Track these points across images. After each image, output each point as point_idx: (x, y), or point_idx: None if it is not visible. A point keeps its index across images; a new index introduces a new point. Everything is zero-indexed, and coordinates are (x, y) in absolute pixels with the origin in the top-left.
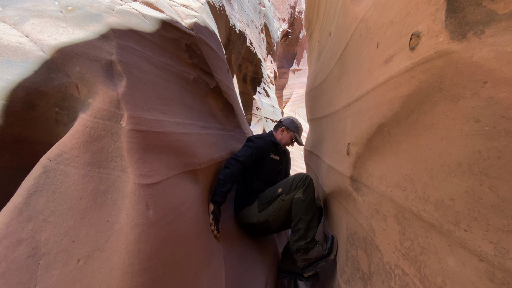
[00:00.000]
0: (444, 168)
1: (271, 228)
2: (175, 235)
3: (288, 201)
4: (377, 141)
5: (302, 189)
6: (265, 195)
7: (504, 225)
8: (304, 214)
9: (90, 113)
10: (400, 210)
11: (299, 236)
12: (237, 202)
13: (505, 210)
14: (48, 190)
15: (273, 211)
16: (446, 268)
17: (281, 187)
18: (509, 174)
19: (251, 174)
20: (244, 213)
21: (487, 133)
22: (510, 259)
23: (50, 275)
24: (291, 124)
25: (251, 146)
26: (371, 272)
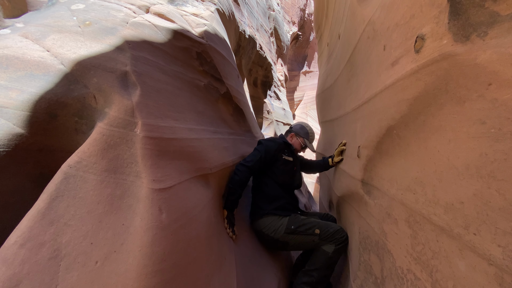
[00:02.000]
0: (453, 170)
1: (285, 249)
2: (187, 238)
3: (316, 245)
4: (387, 144)
5: (335, 246)
6: (299, 222)
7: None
8: (324, 268)
9: (107, 121)
10: (411, 214)
11: (308, 282)
12: (254, 209)
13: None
14: (68, 196)
15: (298, 242)
16: (457, 272)
17: (320, 230)
18: None
19: (265, 177)
20: (265, 223)
21: (493, 135)
22: None
23: (70, 275)
24: (300, 130)
25: (260, 149)
26: (383, 277)
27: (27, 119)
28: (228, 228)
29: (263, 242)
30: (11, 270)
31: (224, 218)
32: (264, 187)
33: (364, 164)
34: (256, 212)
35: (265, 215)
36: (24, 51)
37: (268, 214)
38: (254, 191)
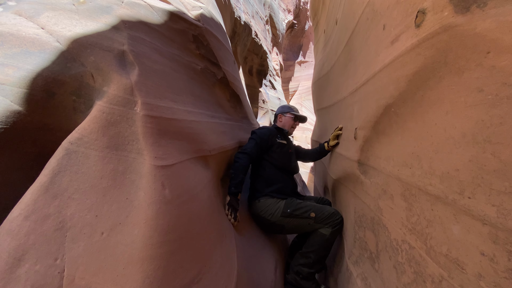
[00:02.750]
0: (449, 141)
1: (282, 232)
2: (189, 213)
3: (313, 228)
4: (384, 123)
5: (331, 228)
6: (295, 205)
7: (506, 187)
8: (321, 249)
9: (106, 100)
10: (407, 188)
11: (305, 263)
12: (252, 192)
13: (507, 173)
14: (71, 170)
15: (294, 225)
16: (451, 236)
17: (315, 213)
18: (511, 138)
19: (263, 162)
20: (262, 206)
21: (490, 101)
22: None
23: (77, 246)
24: (282, 108)
25: (254, 137)
26: (378, 251)
27: (24, 96)
28: (229, 215)
29: (260, 225)
30: (16, 241)
31: (226, 203)
32: (262, 171)
33: (361, 145)
34: (254, 195)
35: (262, 197)
36: (19, 28)
37: (265, 195)
38: (253, 176)
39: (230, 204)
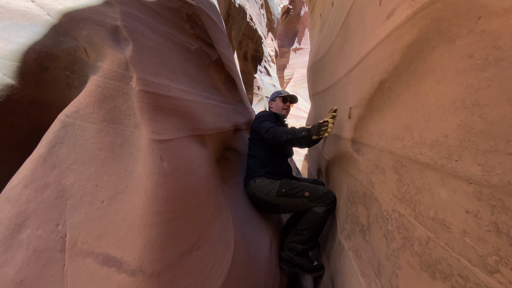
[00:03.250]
0: (440, 109)
1: (277, 211)
2: (187, 186)
3: (307, 207)
4: (378, 100)
5: (325, 207)
6: (289, 185)
7: (491, 146)
8: (314, 227)
9: (101, 74)
10: (398, 160)
11: (299, 240)
12: (248, 173)
13: (493, 133)
14: (68, 142)
15: (289, 204)
16: (438, 200)
17: (309, 192)
18: (497, 100)
19: (261, 144)
20: (258, 186)
21: (479, 65)
22: (496, 174)
23: (77, 213)
24: (271, 96)
25: (265, 118)
26: (369, 223)
27: (17, 70)
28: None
29: (256, 205)
30: (16, 208)
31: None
32: (258, 153)
33: (355, 124)
34: (250, 176)
35: (258, 178)
36: (8, 0)
37: (261, 176)
38: (249, 158)
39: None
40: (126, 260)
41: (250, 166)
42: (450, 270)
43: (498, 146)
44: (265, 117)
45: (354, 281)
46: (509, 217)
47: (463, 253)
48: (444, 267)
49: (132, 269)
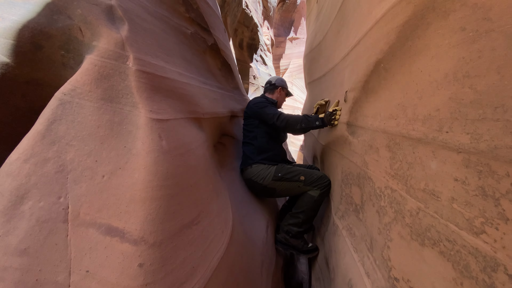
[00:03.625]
0: (433, 84)
1: (273, 195)
2: (186, 165)
3: (302, 190)
4: (373, 81)
5: (320, 190)
6: (285, 170)
7: (480, 114)
8: (309, 210)
9: (97, 53)
10: (392, 138)
11: (294, 222)
12: (244, 159)
13: (481, 102)
14: (67, 120)
15: (285, 188)
16: (429, 172)
17: (305, 176)
18: (487, 70)
19: (257, 129)
20: (254, 171)
21: (471, 38)
22: (483, 141)
23: (79, 186)
24: (281, 82)
25: (268, 102)
26: (363, 202)
27: (11, 47)
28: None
29: (252, 190)
30: (17, 181)
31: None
32: (254, 140)
33: (350, 107)
34: (246, 162)
35: (254, 164)
36: None
37: (257, 162)
38: (245, 145)
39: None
40: (129, 231)
41: (246, 153)
42: (439, 236)
43: (486, 114)
44: (266, 103)
45: (347, 258)
46: (495, 180)
47: (451, 219)
48: (433, 234)
49: (135, 239)
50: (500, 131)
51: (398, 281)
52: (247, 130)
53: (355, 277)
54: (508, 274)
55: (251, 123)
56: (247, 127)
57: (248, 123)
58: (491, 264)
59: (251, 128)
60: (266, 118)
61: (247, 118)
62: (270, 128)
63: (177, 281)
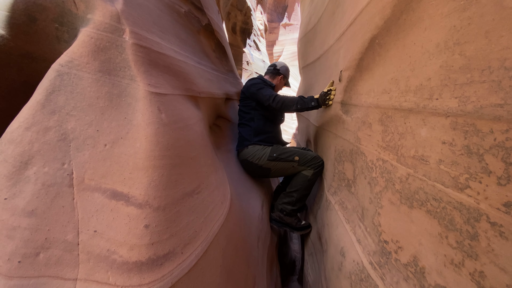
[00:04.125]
0: (425, 55)
1: (268, 175)
2: (186, 138)
3: (296, 170)
4: (368, 58)
5: (313, 170)
6: (280, 150)
7: (468, 78)
8: (303, 189)
9: (92, 26)
10: (385, 112)
11: (289, 201)
12: (240, 141)
13: (470, 66)
14: (65, 90)
15: (280, 167)
16: (419, 139)
17: (299, 156)
18: (475, 35)
19: (254, 111)
20: (250, 151)
21: (462, 6)
22: (470, 103)
23: (82, 154)
24: (286, 72)
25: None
26: (355, 176)
27: (6, 19)
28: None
29: (248, 171)
30: (20, 148)
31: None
32: (251, 122)
33: (345, 86)
34: (242, 143)
35: (250, 145)
36: None
37: (253, 143)
38: (242, 126)
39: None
40: (133, 195)
41: (243, 135)
42: (426, 196)
43: (474, 77)
44: (263, 84)
45: (340, 228)
46: (480, 137)
47: (438, 179)
48: (421, 196)
49: (140, 203)
50: (486, 91)
51: (388, 243)
52: (243, 111)
53: (347, 245)
54: (490, 222)
55: (248, 104)
56: (244, 108)
57: (245, 104)
58: (474, 215)
59: (248, 110)
60: (262, 99)
61: (244, 99)
62: (267, 110)
63: (181, 242)
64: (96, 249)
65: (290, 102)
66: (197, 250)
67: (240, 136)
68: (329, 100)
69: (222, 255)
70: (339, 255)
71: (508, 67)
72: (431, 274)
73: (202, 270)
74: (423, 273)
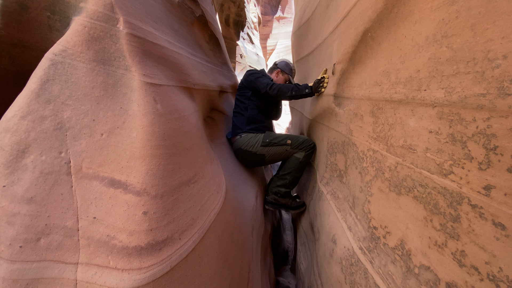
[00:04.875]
0: (415, 48)
1: (262, 162)
2: (181, 129)
3: (289, 154)
4: (361, 51)
5: (305, 152)
6: (273, 136)
7: (454, 70)
8: (295, 171)
9: (85, 15)
10: (376, 104)
11: (282, 184)
12: (233, 129)
13: (456, 58)
14: (60, 79)
15: (273, 152)
16: (407, 129)
17: (291, 140)
18: (463, 28)
19: (249, 101)
20: (244, 140)
21: (451, 0)
22: (456, 93)
23: (78, 143)
24: (285, 67)
25: (261, 74)
26: (347, 167)
27: None
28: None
29: (243, 159)
30: (16, 136)
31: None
32: (244, 111)
33: (338, 79)
34: (235, 132)
35: (243, 133)
36: None
37: (245, 132)
38: (235, 115)
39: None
40: (131, 183)
41: (236, 123)
42: (413, 183)
43: (459, 69)
44: (261, 73)
45: (331, 217)
46: (463, 126)
47: (424, 166)
48: (408, 183)
49: (138, 191)
50: (470, 82)
51: (377, 229)
52: (239, 100)
53: (338, 232)
54: (471, 205)
55: (244, 93)
56: (240, 98)
57: (241, 94)
58: (456, 198)
59: (243, 99)
60: (260, 87)
61: (241, 89)
62: (261, 100)
63: (178, 228)
64: (96, 234)
65: (285, 89)
66: (194, 237)
67: (233, 124)
68: (321, 87)
69: (219, 242)
70: (331, 242)
71: (491, 58)
72: (416, 256)
73: (199, 255)
74: (409, 255)
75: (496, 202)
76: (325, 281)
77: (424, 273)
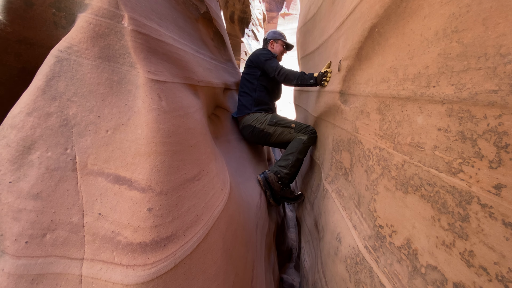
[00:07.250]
0: (423, 43)
1: (267, 140)
2: (186, 126)
3: (292, 136)
4: (367, 47)
5: (308, 135)
6: (279, 117)
7: (464, 65)
8: (298, 152)
9: (90, 11)
10: (383, 101)
11: (285, 164)
12: (241, 109)
13: (467, 53)
14: (65, 76)
15: (279, 133)
16: (415, 126)
17: (295, 124)
18: (473, 22)
19: (257, 82)
20: (252, 117)
21: None
22: (466, 89)
23: (84, 139)
24: (274, 34)
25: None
26: (352, 165)
27: (3, 3)
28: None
29: (250, 136)
30: (22, 133)
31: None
32: (253, 92)
33: (344, 76)
34: (243, 111)
35: (252, 113)
36: None
37: (254, 112)
38: (242, 94)
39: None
40: (136, 180)
41: (243, 103)
42: (420, 182)
43: (470, 65)
44: (270, 55)
45: (336, 215)
46: (474, 123)
47: (432, 165)
48: (416, 181)
49: (142, 187)
50: (481, 78)
51: (383, 228)
52: (247, 79)
53: (343, 230)
54: (481, 204)
55: (253, 72)
56: (248, 77)
57: (250, 72)
58: (466, 198)
59: (252, 79)
60: (269, 69)
61: (250, 67)
62: (270, 81)
63: (183, 225)
64: (101, 230)
65: (292, 76)
66: (198, 233)
67: (240, 103)
68: (325, 81)
69: (223, 239)
70: (336, 240)
71: (503, 54)
72: (423, 255)
73: (203, 252)
74: (415, 255)
75: (507, 201)
76: (330, 279)
77: (431, 273)
